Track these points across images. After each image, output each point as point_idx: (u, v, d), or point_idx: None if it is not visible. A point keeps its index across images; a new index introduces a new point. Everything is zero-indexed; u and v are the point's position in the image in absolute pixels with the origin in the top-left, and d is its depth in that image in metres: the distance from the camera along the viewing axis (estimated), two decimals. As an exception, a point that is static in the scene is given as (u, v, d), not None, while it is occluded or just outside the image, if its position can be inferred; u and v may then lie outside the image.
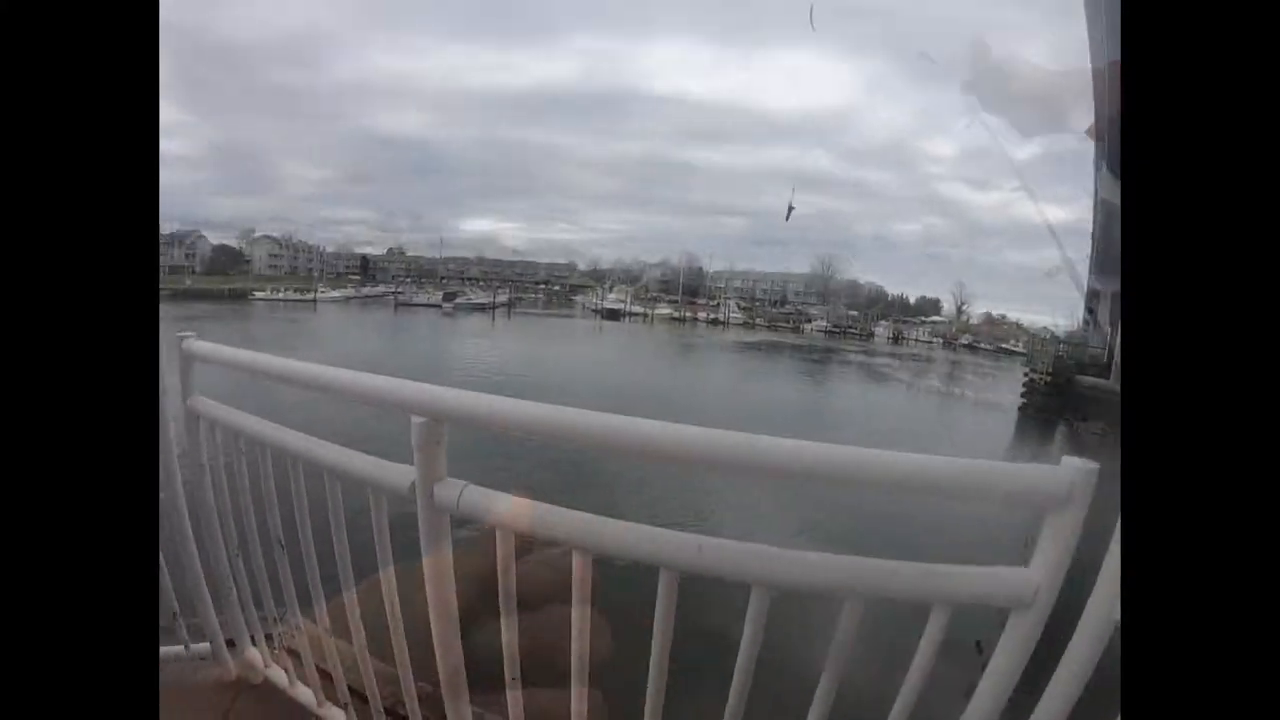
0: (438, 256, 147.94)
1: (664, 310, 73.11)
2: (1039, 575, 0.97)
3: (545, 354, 39.20)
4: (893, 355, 57.36)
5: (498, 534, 1.13)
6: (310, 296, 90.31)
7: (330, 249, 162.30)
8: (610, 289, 79.99)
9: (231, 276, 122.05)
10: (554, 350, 43.16)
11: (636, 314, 73.37)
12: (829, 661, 1.05)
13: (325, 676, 1.79)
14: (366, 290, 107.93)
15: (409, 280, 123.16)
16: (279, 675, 1.87)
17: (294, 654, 1.78)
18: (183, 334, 1.94)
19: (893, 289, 77.17)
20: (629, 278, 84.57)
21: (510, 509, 1.14)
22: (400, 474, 1.27)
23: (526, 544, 1.17)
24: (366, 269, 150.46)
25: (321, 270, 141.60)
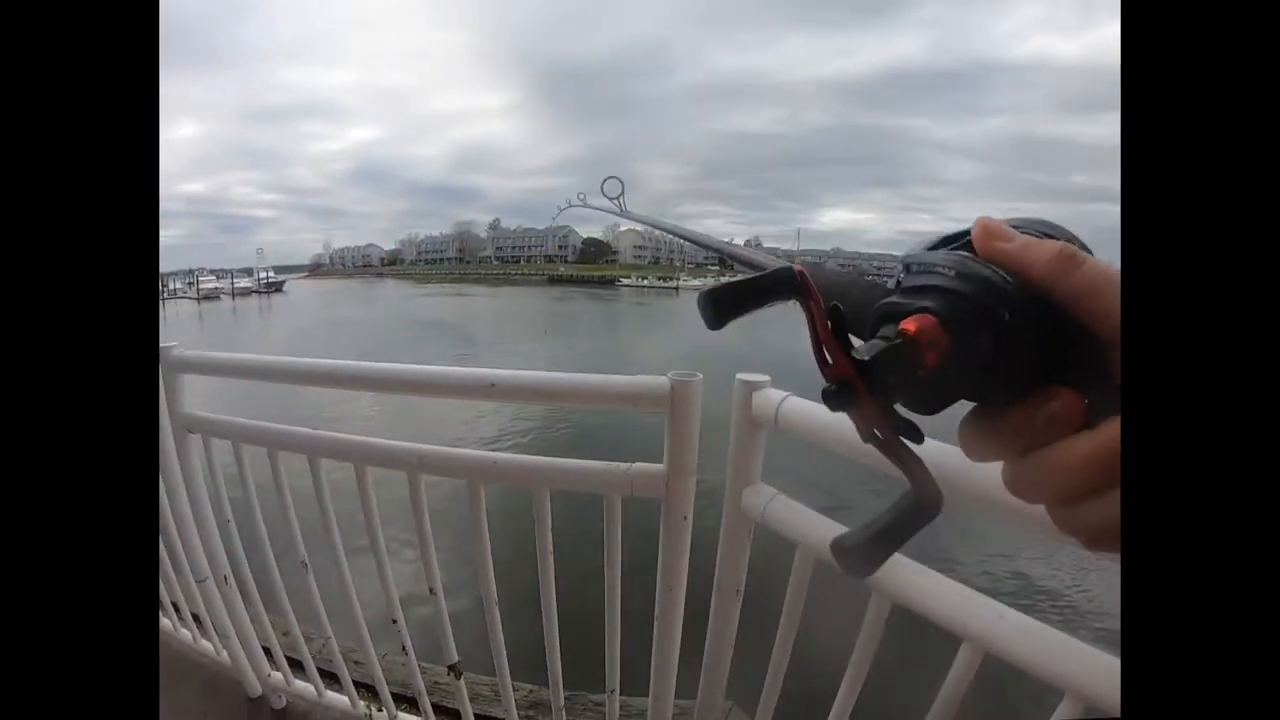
0: (795, 249, 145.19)
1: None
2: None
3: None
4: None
5: (798, 551, 1.08)
6: (672, 285, 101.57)
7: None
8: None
9: (600, 265, 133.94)
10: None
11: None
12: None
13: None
14: (725, 279, 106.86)
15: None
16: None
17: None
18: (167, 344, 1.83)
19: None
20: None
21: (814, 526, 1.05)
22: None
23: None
24: (724, 261, 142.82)
25: (683, 261, 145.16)
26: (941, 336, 0.32)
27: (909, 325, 0.33)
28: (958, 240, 0.38)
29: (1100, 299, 0.34)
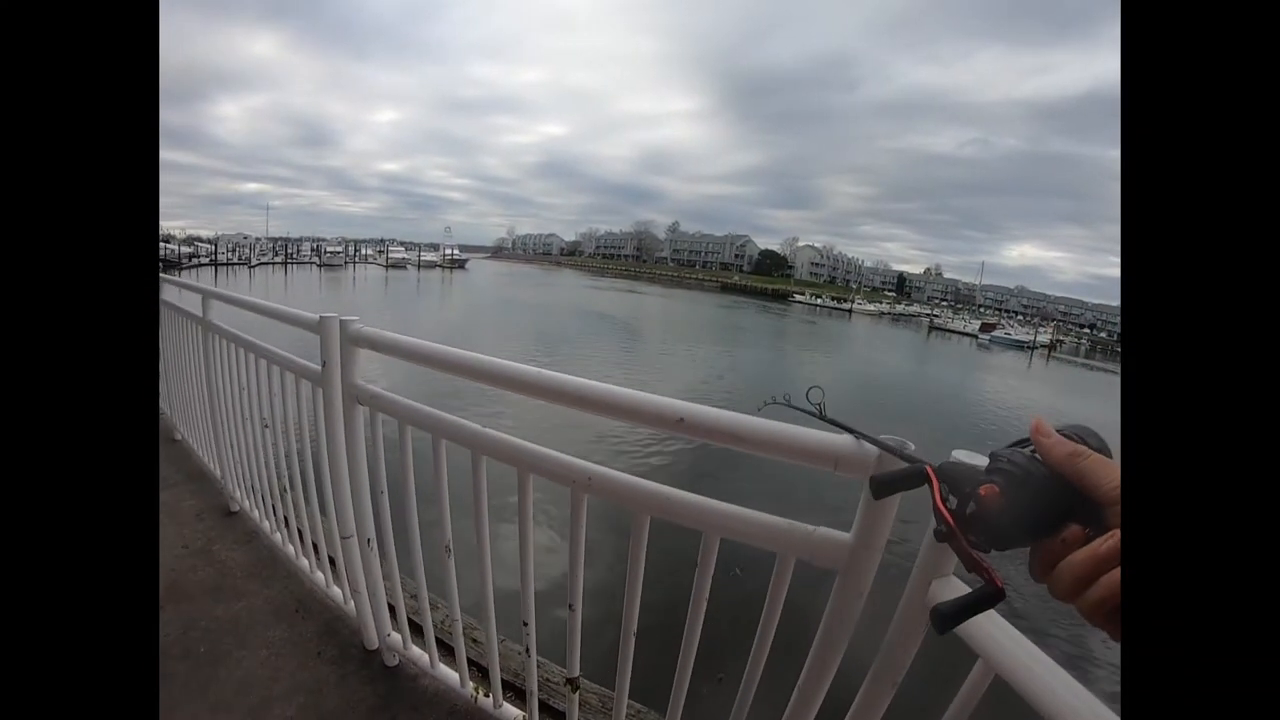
0: (976, 283, 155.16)
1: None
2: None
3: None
4: None
5: (978, 663, 0.93)
6: (846, 306, 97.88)
7: (868, 263, 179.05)
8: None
9: (774, 279, 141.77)
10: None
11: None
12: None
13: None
14: (901, 308, 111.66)
15: (945, 303, 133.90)
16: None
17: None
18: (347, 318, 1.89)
19: None
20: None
21: (1005, 640, 0.89)
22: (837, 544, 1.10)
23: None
24: (902, 287, 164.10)
25: (859, 283, 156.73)
26: (999, 495, 0.54)
27: (982, 490, 0.55)
28: (1024, 443, 0.60)
29: (1093, 478, 0.52)
